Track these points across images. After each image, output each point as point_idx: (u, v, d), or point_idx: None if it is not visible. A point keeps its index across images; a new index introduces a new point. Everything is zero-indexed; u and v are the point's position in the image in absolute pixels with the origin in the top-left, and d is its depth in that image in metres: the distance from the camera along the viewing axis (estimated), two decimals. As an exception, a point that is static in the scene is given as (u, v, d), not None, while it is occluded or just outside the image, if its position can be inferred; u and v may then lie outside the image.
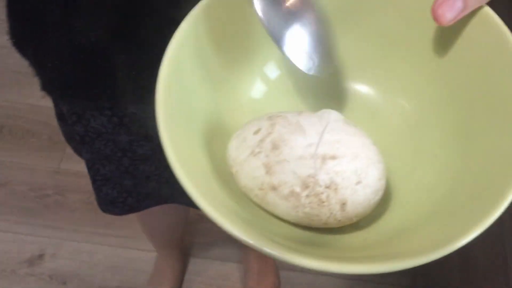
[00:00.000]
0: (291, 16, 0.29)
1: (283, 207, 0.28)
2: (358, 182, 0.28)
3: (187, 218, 1.07)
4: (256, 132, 0.29)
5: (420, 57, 0.33)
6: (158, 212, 0.90)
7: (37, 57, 0.54)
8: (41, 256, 1.23)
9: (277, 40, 0.28)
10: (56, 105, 0.63)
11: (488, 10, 0.29)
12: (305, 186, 0.27)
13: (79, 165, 1.36)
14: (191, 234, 1.26)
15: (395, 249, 0.26)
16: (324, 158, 0.27)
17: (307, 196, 0.27)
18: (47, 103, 1.51)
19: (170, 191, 0.73)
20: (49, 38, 0.50)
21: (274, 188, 0.28)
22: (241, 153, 0.29)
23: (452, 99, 0.31)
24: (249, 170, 0.28)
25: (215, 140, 0.32)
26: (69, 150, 1.37)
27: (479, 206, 0.25)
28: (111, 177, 0.68)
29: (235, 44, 0.33)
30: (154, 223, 1.00)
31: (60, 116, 0.63)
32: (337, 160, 0.27)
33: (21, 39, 0.54)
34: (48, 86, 0.56)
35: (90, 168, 0.68)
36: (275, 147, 0.28)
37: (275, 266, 1.21)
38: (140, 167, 0.66)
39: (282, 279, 1.21)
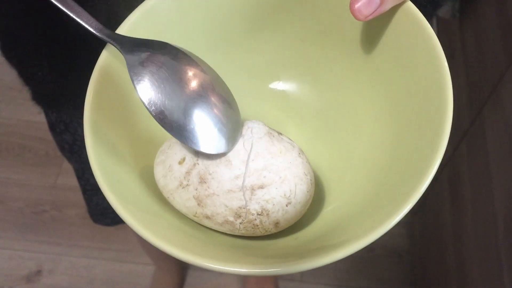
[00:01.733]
0: (189, 102, 0.28)
1: (220, 229, 0.29)
2: (288, 203, 0.29)
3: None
4: (180, 163, 0.29)
5: (347, 52, 0.34)
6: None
7: (23, 68, 0.54)
8: (39, 272, 1.23)
9: (180, 136, 0.28)
10: (46, 114, 0.64)
11: (411, 6, 0.30)
12: (238, 215, 0.28)
13: (75, 180, 1.36)
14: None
15: (328, 243, 0.26)
16: (253, 189, 0.28)
17: (241, 223, 0.28)
18: (42, 119, 1.51)
19: None
20: (30, 52, 0.51)
21: (208, 217, 0.28)
22: (169, 183, 0.29)
23: (379, 88, 0.33)
24: (181, 200, 0.29)
25: (141, 147, 0.32)
26: (65, 165, 1.38)
27: (403, 193, 0.26)
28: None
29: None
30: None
31: (51, 126, 0.64)
32: (266, 188, 0.28)
33: (7, 51, 0.54)
34: (36, 96, 0.57)
35: (80, 177, 0.68)
36: (202, 181, 0.28)
37: (275, 277, 1.21)
38: None
39: (281, 289, 1.21)
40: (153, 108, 0.27)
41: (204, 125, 0.27)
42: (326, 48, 0.35)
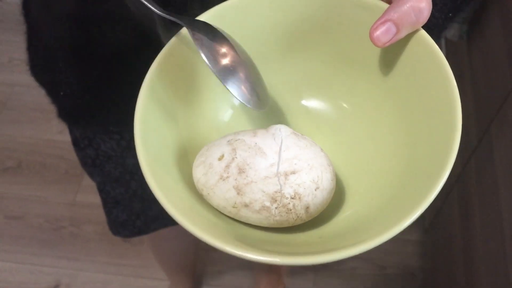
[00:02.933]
0: (228, 68, 0.34)
1: (255, 218, 0.32)
2: (317, 188, 0.33)
3: (198, 244, 1.09)
4: (220, 159, 0.33)
5: (367, 74, 0.38)
6: (169, 237, 0.93)
7: (51, 86, 0.58)
8: (57, 287, 1.26)
9: (224, 81, 0.33)
10: (71, 131, 0.68)
11: (423, 33, 0.33)
12: (274, 200, 0.32)
13: (94, 197, 1.40)
14: (203, 262, 1.28)
15: (348, 242, 0.29)
16: (286, 174, 0.32)
17: (276, 207, 0.32)
18: (63, 138, 1.56)
19: None
20: (61, 70, 0.55)
21: (246, 206, 0.32)
22: (210, 178, 0.33)
23: (394, 106, 0.36)
24: (221, 193, 0.32)
25: (187, 157, 0.36)
26: (84, 183, 1.42)
27: (420, 191, 0.29)
28: (120, 200, 0.72)
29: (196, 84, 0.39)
30: (165, 248, 1.03)
31: (75, 142, 0.68)
32: (297, 173, 0.32)
33: (37, 70, 0.59)
34: (62, 113, 0.60)
35: (101, 190, 0.72)
36: (241, 171, 0.32)
37: (284, 283, 1.22)
38: (147, 190, 0.70)
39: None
40: (212, 64, 0.33)
41: (246, 85, 0.34)
42: (348, 70, 0.39)
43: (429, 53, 0.33)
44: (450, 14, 0.43)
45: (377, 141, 0.37)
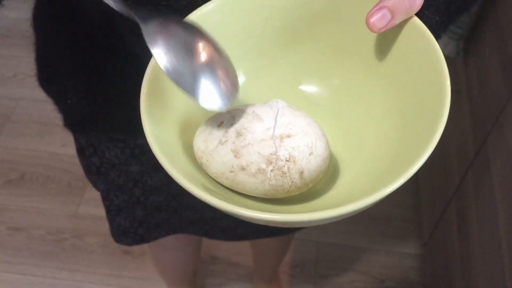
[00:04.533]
0: (196, 65, 0.33)
1: (251, 184, 0.34)
2: (311, 153, 0.34)
3: (199, 254, 1.11)
4: (219, 125, 0.35)
5: (362, 59, 0.40)
6: (170, 247, 0.95)
7: (59, 95, 0.60)
8: (58, 298, 1.27)
9: (192, 95, 0.33)
10: (76, 140, 0.69)
11: (416, 20, 0.36)
12: (269, 162, 0.33)
13: (96, 209, 1.42)
14: (203, 275, 1.29)
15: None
16: (281, 138, 0.34)
17: (272, 170, 0.33)
18: (66, 151, 1.58)
19: (178, 220, 0.78)
20: (70, 78, 0.57)
21: (243, 169, 0.33)
22: (209, 144, 0.35)
23: (388, 87, 0.38)
24: (219, 157, 0.34)
25: (188, 131, 0.38)
26: (86, 195, 1.43)
27: (409, 161, 0.31)
28: (123, 207, 0.73)
29: None
30: (167, 259, 1.04)
31: (80, 150, 0.70)
32: (292, 137, 0.34)
33: (45, 80, 0.61)
34: (68, 122, 0.62)
35: (104, 198, 0.73)
36: (239, 134, 0.34)
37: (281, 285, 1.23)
38: (150, 198, 0.72)
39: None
40: (168, 69, 0.32)
41: (209, 86, 0.33)
42: (344, 57, 0.41)
43: (421, 37, 0.35)
44: (444, 19, 0.45)
45: (371, 118, 0.39)
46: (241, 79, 0.41)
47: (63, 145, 1.51)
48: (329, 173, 0.38)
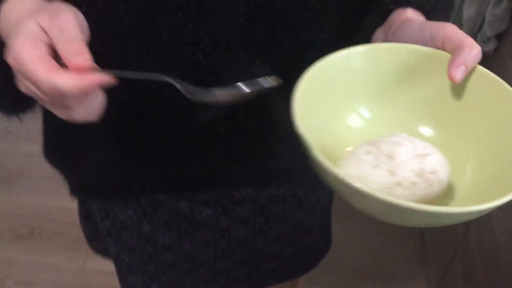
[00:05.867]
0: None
1: (403, 196, 0.40)
2: (443, 168, 0.42)
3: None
4: (368, 153, 0.42)
5: (458, 110, 0.47)
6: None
7: (68, 167, 0.61)
8: None
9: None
10: (82, 206, 0.69)
11: (480, 67, 0.44)
12: (420, 175, 0.40)
13: (102, 264, 1.41)
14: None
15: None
16: (423, 156, 0.41)
17: (421, 182, 0.40)
18: (76, 205, 1.59)
19: (193, 283, 0.75)
20: (81, 154, 0.58)
21: (398, 184, 0.40)
22: (362, 169, 0.41)
23: (474, 131, 0.46)
24: (375, 178, 0.41)
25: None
26: (94, 250, 1.43)
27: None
28: (135, 265, 0.71)
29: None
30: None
31: (86, 216, 0.69)
32: (430, 156, 0.42)
33: (53, 155, 0.62)
34: (76, 190, 0.63)
35: (116, 259, 0.72)
36: (390, 158, 0.41)
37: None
38: (162, 255, 0.70)
39: None
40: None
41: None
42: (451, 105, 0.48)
43: (489, 79, 0.44)
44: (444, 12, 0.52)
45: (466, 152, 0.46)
46: (366, 115, 0.49)
47: (73, 200, 1.53)
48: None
